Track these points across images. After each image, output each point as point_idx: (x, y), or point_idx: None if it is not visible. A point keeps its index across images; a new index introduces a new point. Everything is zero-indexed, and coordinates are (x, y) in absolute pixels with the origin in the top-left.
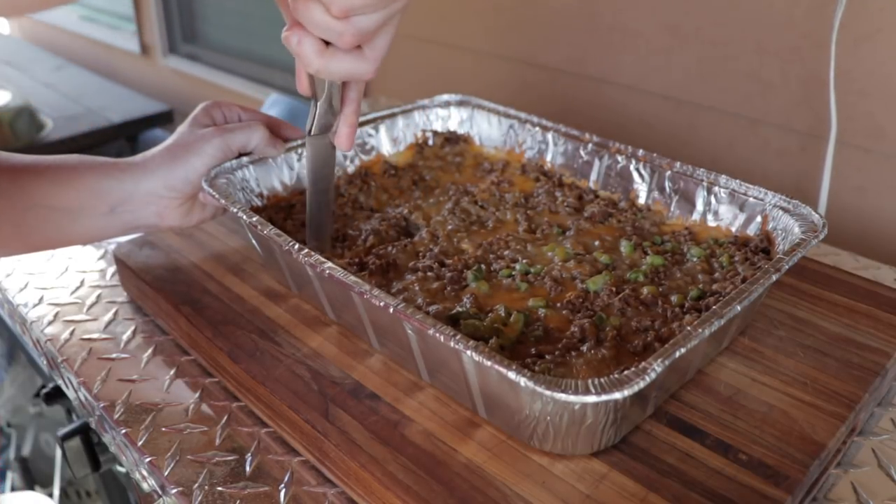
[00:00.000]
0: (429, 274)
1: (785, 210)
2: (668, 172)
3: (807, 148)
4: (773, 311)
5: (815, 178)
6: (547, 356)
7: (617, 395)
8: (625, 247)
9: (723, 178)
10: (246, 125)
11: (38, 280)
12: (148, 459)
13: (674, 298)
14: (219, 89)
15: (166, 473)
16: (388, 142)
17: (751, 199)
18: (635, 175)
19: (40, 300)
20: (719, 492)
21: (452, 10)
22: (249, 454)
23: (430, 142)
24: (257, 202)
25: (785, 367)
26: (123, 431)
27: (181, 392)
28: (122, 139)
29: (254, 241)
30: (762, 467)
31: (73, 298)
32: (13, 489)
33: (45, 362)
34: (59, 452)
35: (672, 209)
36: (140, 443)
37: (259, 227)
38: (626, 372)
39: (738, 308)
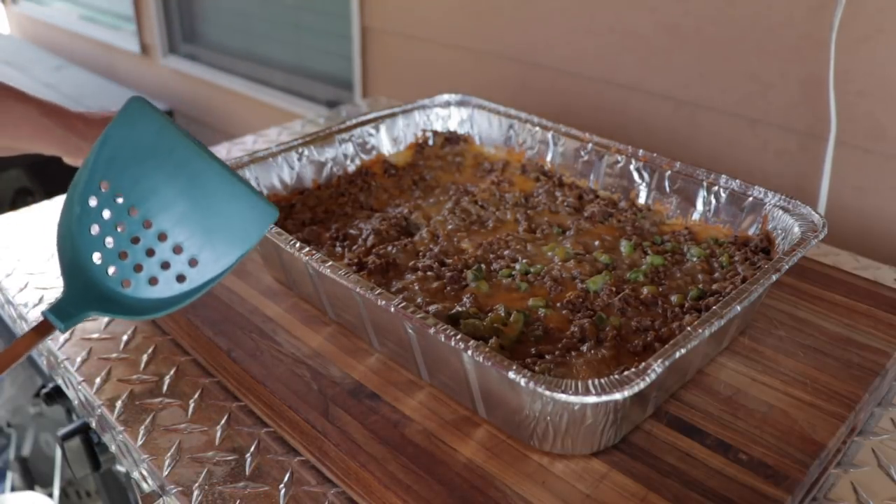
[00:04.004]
0: (429, 273)
1: (785, 210)
2: (668, 172)
3: (806, 148)
4: (773, 311)
5: (814, 178)
6: (547, 356)
7: (617, 396)
8: (625, 247)
9: (723, 178)
10: None
11: (38, 280)
12: (148, 459)
13: (674, 298)
14: (219, 89)
15: (166, 473)
16: (388, 141)
17: (751, 199)
18: (635, 175)
19: (40, 300)
20: (719, 492)
21: (452, 10)
22: (249, 454)
23: (431, 142)
24: None
25: (785, 367)
26: (123, 431)
27: (181, 392)
28: None
29: None
30: (762, 467)
31: None
32: (13, 489)
33: (45, 362)
34: (59, 452)
35: (672, 209)
36: (140, 443)
37: None
38: (626, 372)
39: (738, 308)
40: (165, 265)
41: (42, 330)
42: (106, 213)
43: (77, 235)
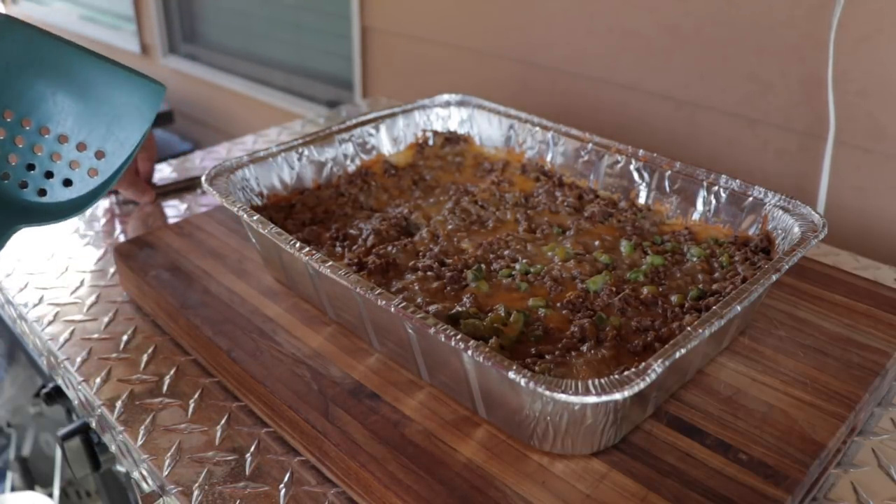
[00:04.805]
0: (429, 273)
1: (785, 210)
2: (668, 172)
3: (806, 148)
4: (773, 311)
5: (814, 178)
6: (547, 356)
7: (617, 396)
8: (625, 247)
9: (723, 178)
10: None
11: (38, 280)
12: (148, 459)
13: (674, 298)
14: (219, 89)
15: (166, 473)
16: (388, 141)
17: (751, 199)
18: (635, 175)
19: (40, 300)
20: (719, 492)
21: (452, 10)
22: (249, 454)
23: (431, 141)
24: (257, 201)
25: (785, 367)
26: (123, 431)
27: (181, 392)
28: None
29: (254, 241)
30: (762, 467)
31: (73, 298)
32: (13, 489)
33: (45, 362)
34: (59, 452)
35: (672, 209)
36: (140, 443)
37: (259, 225)
38: (626, 372)
39: (738, 308)
40: (74, 164)
41: None
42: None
43: None
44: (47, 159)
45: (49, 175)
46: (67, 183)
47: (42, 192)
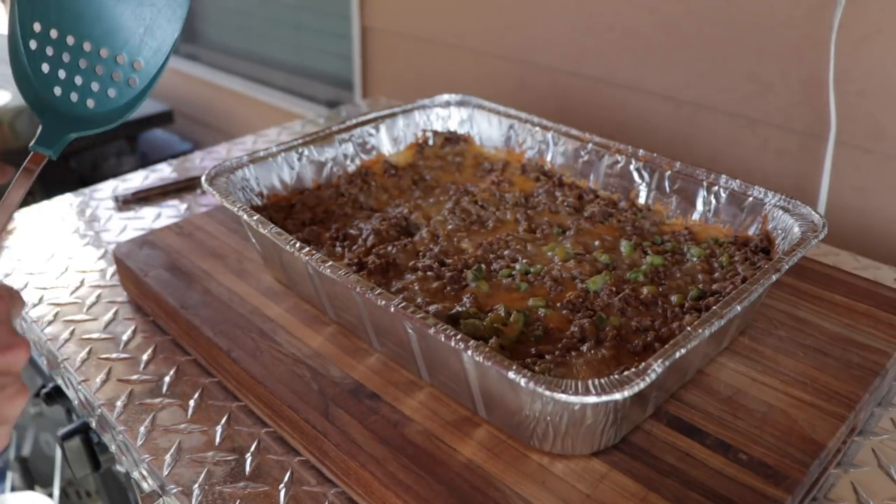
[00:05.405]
0: (429, 273)
1: (785, 210)
2: (668, 172)
3: (806, 148)
4: (773, 311)
5: (814, 178)
6: (547, 356)
7: (617, 396)
8: (625, 247)
9: (723, 178)
10: None
11: (38, 280)
12: (148, 459)
13: (674, 298)
14: (219, 89)
15: (166, 473)
16: (388, 141)
17: (751, 199)
18: (635, 175)
19: (40, 300)
20: (719, 492)
21: (452, 10)
22: (249, 454)
23: (431, 142)
24: (257, 201)
25: (785, 367)
26: (123, 431)
27: (181, 392)
28: (122, 139)
29: (254, 241)
30: (762, 467)
31: (73, 298)
32: (13, 489)
33: (45, 362)
34: (59, 452)
35: (672, 209)
36: (140, 443)
37: (259, 225)
38: (626, 372)
39: (738, 308)
40: (116, 75)
41: (32, 164)
42: (49, 50)
43: (33, 79)
44: (91, 73)
45: (95, 88)
46: (111, 93)
47: (91, 104)
